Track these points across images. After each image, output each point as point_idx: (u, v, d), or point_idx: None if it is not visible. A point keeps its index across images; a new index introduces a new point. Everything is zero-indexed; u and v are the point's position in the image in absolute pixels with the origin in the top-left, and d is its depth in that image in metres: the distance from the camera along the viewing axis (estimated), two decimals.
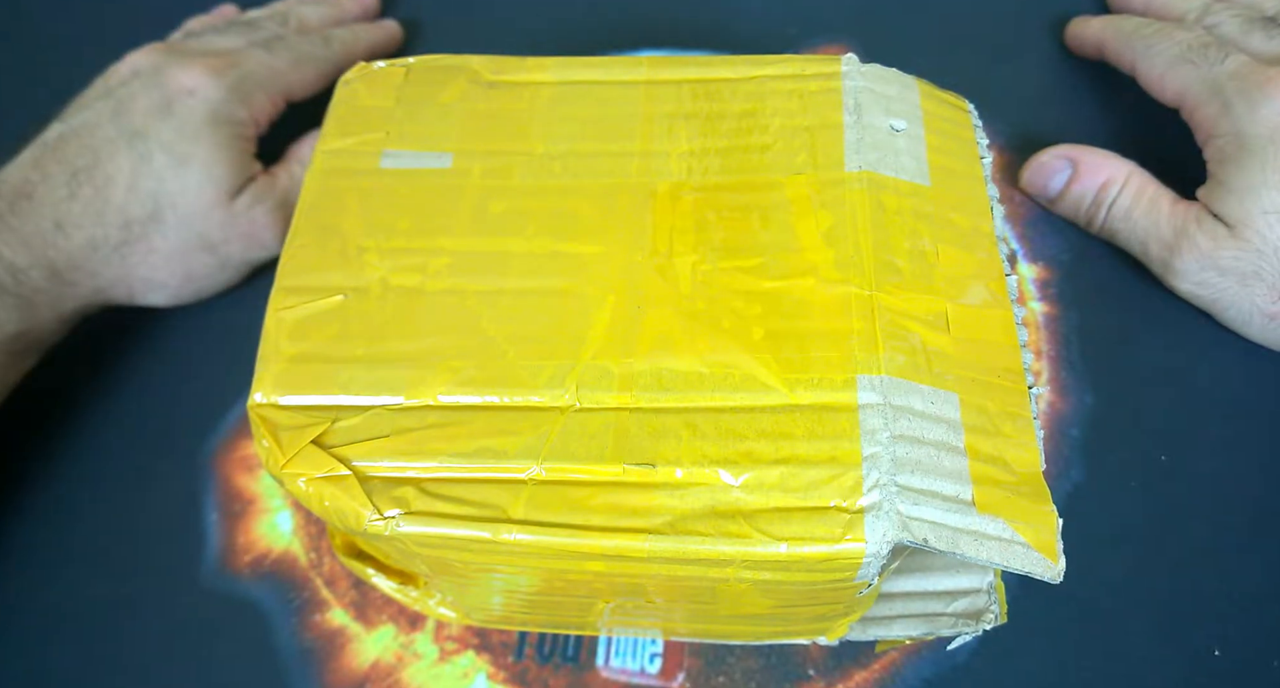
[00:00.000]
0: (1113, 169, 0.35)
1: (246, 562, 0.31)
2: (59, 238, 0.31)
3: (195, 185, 0.33)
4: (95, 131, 0.32)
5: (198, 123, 0.33)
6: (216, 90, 0.33)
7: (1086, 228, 0.36)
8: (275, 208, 0.35)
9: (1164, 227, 0.33)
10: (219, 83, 0.33)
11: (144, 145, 0.32)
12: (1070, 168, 0.35)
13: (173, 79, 0.33)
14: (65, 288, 0.31)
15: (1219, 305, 0.33)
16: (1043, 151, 0.37)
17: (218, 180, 0.33)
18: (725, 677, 0.29)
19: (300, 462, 0.22)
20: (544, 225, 0.25)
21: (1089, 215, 0.36)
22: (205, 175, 0.33)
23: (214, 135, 0.33)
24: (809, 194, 0.25)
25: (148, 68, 0.34)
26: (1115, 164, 0.35)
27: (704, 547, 0.21)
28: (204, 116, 0.33)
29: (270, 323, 0.24)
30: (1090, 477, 0.32)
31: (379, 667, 0.29)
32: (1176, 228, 0.33)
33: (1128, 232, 0.34)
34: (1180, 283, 0.33)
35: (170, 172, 0.32)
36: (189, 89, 0.33)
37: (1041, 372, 0.34)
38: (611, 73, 0.28)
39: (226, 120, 0.33)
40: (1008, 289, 0.24)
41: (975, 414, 0.22)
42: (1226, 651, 0.29)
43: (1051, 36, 0.42)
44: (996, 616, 0.26)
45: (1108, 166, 0.35)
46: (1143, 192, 0.34)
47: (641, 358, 0.23)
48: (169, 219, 0.32)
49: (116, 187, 0.32)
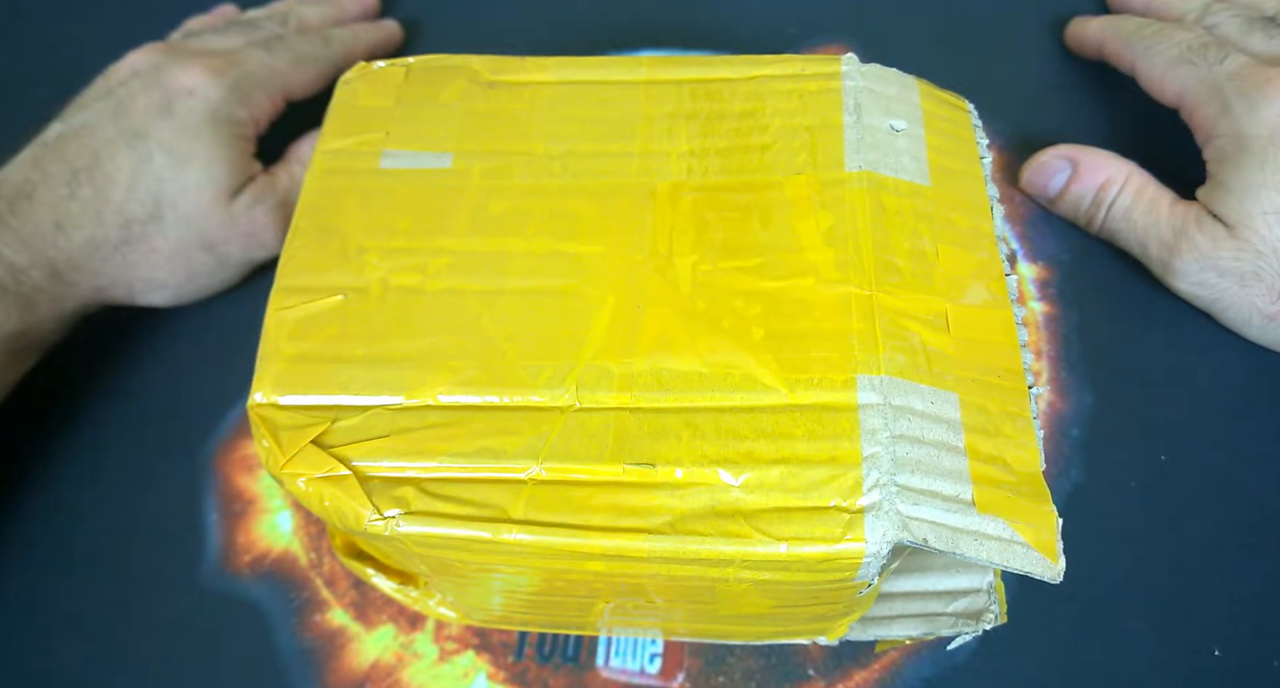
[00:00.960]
0: (1112, 169, 0.35)
1: (246, 562, 0.31)
2: (59, 237, 0.31)
3: (195, 185, 0.33)
4: (95, 131, 0.32)
5: (197, 123, 0.33)
6: (216, 90, 0.33)
7: (1086, 228, 0.36)
8: (275, 208, 0.35)
9: (1163, 227, 0.33)
10: (219, 83, 0.34)
11: (144, 145, 0.32)
12: (1070, 168, 0.35)
13: (172, 79, 0.33)
14: (65, 288, 0.31)
15: (1218, 306, 0.33)
16: (1042, 152, 0.37)
17: (217, 180, 0.33)
18: (725, 677, 0.29)
19: (300, 462, 0.22)
20: (544, 225, 0.25)
21: (1089, 215, 0.36)
22: (205, 175, 0.33)
23: (214, 135, 0.33)
24: (809, 194, 0.25)
25: (147, 68, 0.34)
26: (1115, 164, 0.35)
27: (704, 547, 0.21)
28: (204, 116, 0.33)
29: (270, 323, 0.24)
30: (1090, 477, 0.32)
31: (379, 667, 0.29)
32: (1176, 228, 0.33)
33: (1127, 231, 0.34)
34: (1179, 283, 0.33)
35: (170, 171, 0.32)
36: (189, 89, 0.33)
37: (1041, 372, 0.34)
38: (611, 73, 0.28)
39: (226, 120, 0.34)
40: (1008, 289, 0.24)
41: (975, 414, 0.22)
42: (1226, 651, 0.29)
43: (1051, 36, 0.42)
44: (996, 616, 0.26)
45: (1107, 166, 0.35)
46: (1142, 192, 0.34)
47: (641, 358, 0.23)
48: (169, 219, 0.32)
49: (116, 186, 0.32)
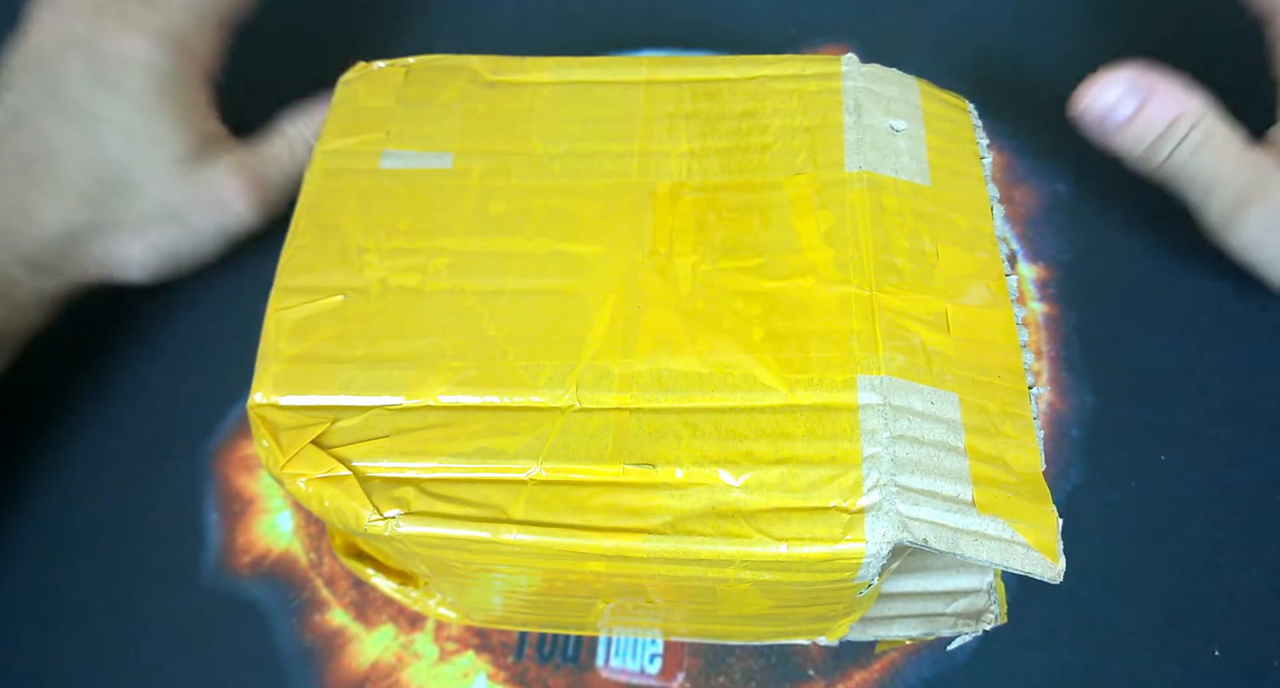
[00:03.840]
0: (1189, 103, 0.31)
1: (246, 562, 0.31)
2: (25, 226, 0.30)
3: (148, 155, 0.32)
4: (38, 115, 0.31)
5: (139, 89, 0.31)
6: (151, 49, 0.32)
7: (1143, 164, 0.32)
8: (240, 173, 0.33)
9: (1238, 173, 0.30)
10: (152, 40, 0.32)
11: (90, 123, 0.31)
12: (1140, 96, 0.31)
13: (105, 48, 0.31)
14: (42, 277, 0.31)
15: (1275, 265, 0.30)
16: (1106, 73, 0.32)
17: (171, 146, 0.32)
18: (725, 677, 0.29)
19: (300, 462, 0.22)
20: (544, 225, 0.25)
21: (1152, 151, 0.32)
22: (156, 142, 0.32)
23: (158, 100, 0.32)
24: (809, 194, 0.25)
25: (77, 40, 0.32)
26: (1191, 99, 0.31)
27: (704, 547, 0.21)
28: (145, 82, 0.32)
29: (270, 323, 0.24)
30: (1090, 477, 0.32)
31: (379, 667, 0.29)
32: (1253, 177, 0.30)
33: (1193, 174, 0.31)
34: (1239, 236, 0.30)
35: (121, 145, 0.31)
36: (124, 55, 0.31)
37: (1041, 372, 0.34)
38: (611, 73, 0.28)
39: (169, 78, 0.32)
40: (1008, 289, 0.24)
41: (975, 414, 0.22)
42: (1226, 651, 0.29)
43: (1051, 36, 0.42)
44: (996, 616, 0.26)
45: (1183, 100, 0.31)
46: (1214, 132, 0.31)
47: (641, 358, 0.23)
48: (129, 193, 0.32)
49: (71, 167, 0.31)
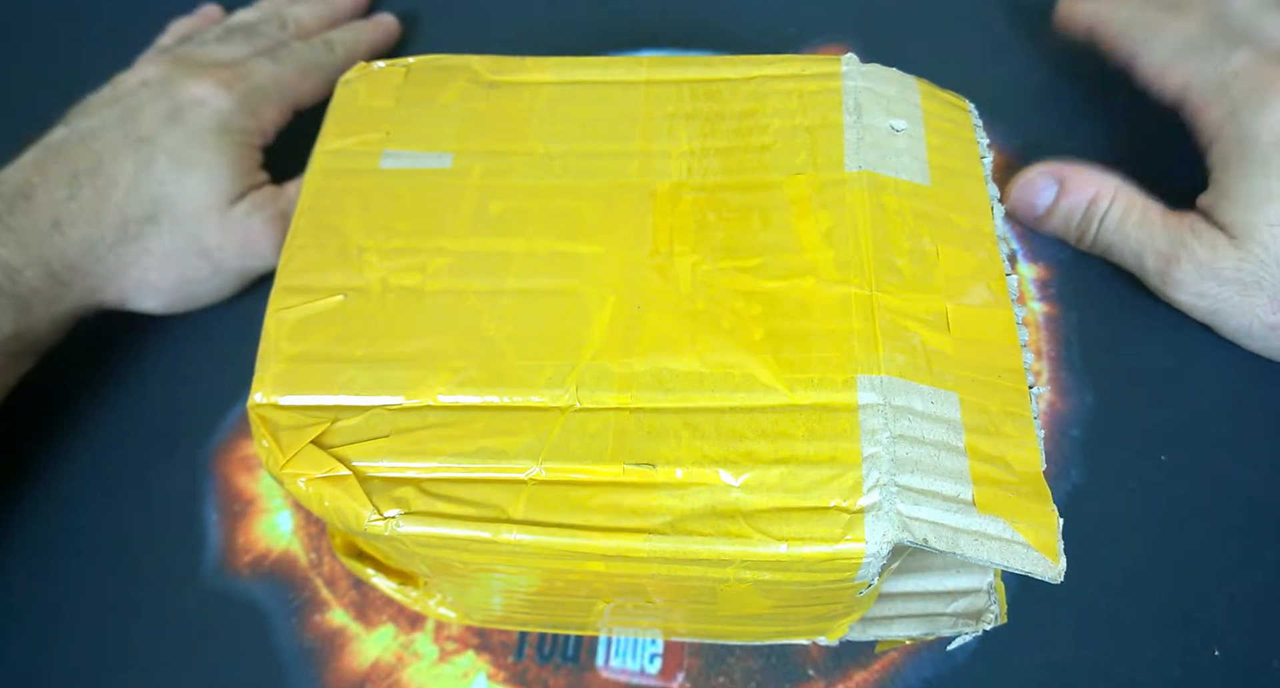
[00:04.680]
0: (1100, 183, 0.34)
1: (246, 562, 0.31)
2: (56, 237, 0.31)
3: (194, 188, 0.33)
4: (101, 136, 0.32)
5: (204, 130, 0.33)
6: (226, 101, 0.34)
7: (1077, 244, 0.35)
8: (274, 218, 0.35)
9: (1159, 238, 0.32)
10: (229, 94, 0.34)
11: (149, 150, 0.32)
12: (1056, 184, 0.35)
13: (183, 90, 0.34)
14: (60, 289, 0.31)
15: (1219, 316, 0.32)
16: (1026, 170, 0.35)
17: (218, 185, 0.33)
18: (725, 677, 0.29)
19: (300, 462, 0.22)
20: (544, 225, 0.25)
21: (1080, 230, 0.35)
22: (206, 179, 0.33)
23: (219, 142, 0.33)
24: (809, 194, 0.25)
25: (157, 79, 0.34)
26: (1103, 178, 0.34)
27: (704, 547, 0.21)
28: (211, 125, 0.33)
29: (270, 323, 0.24)
30: (1090, 477, 0.32)
31: (379, 667, 0.29)
32: (1172, 239, 0.32)
33: (1121, 244, 0.33)
34: (1178, 294, 0.33)
35: (172, 175, 0.32)
36: (199, 99, 0.33)
37: (1041, 372, 0.34)
38: (611, 73, 0.28)
39: (233, 129, 0.34)
40: (1008, 289, 0.24)
41: (975, 414, 0.22)
42: (1226, 651, 0.29)
43: (1052, 36, 0.42)
44: (996, 616, 0.26)
45: (1095, 180, 0.34)
46: (1133, 204, 0.33)
47: (641, 358, 0.23)
48: (165, 221, 0.32)
49: (117, 188, 0.32)
